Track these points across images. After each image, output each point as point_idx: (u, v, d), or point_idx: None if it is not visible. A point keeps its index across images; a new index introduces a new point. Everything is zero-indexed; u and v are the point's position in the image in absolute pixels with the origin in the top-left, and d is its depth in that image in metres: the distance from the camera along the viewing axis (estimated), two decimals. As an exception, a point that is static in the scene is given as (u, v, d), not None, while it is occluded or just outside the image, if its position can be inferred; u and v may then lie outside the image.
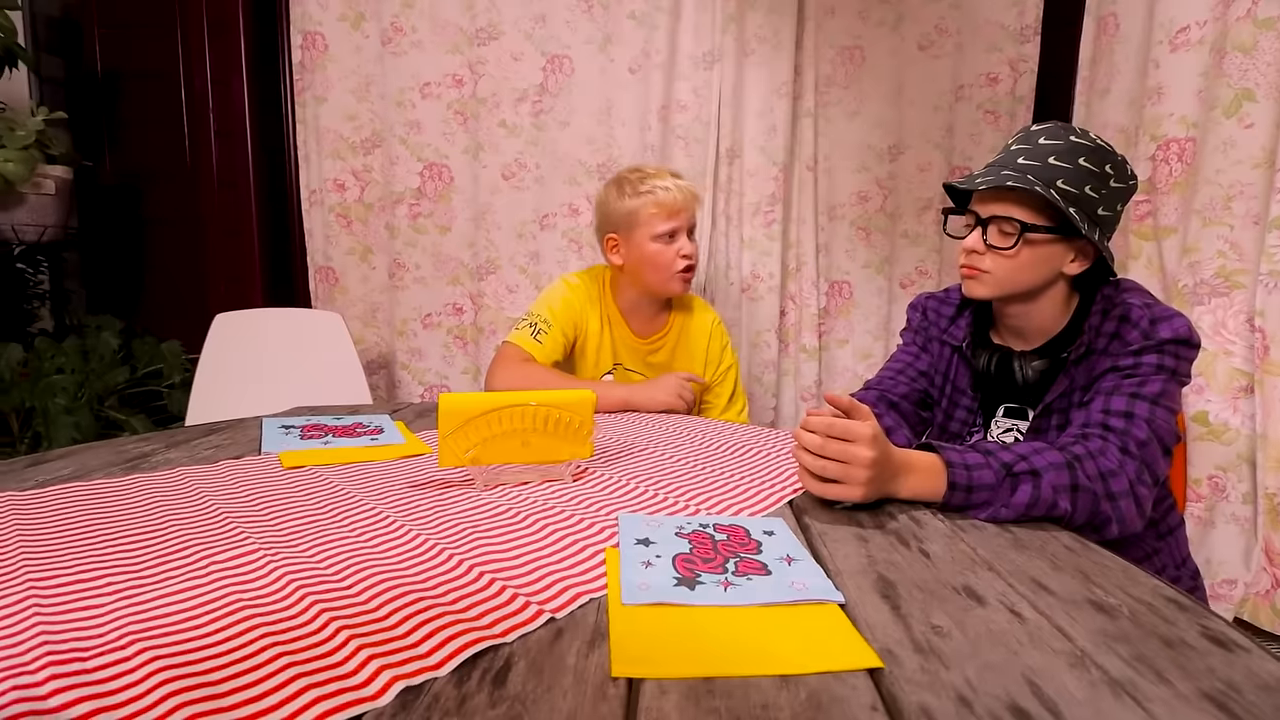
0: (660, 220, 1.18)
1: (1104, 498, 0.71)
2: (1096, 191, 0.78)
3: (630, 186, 1.20)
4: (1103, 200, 0.79)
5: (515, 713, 0.36)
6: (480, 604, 0.47)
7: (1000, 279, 0.85)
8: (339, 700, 0.36)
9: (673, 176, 1.21)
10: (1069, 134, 0.79)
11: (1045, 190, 0.76)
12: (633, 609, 0.47)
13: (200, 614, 0.44)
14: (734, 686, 0.39)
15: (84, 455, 0.79)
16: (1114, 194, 0.80)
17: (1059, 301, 0.88)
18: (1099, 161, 0.78)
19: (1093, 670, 0.41)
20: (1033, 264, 0.82)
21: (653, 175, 1.20)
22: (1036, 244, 0.81)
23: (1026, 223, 0.79)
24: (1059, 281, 0.86)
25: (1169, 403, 0.78)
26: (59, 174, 1.58)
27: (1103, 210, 0.79)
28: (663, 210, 1.18)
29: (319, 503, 0.65)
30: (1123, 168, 0.80)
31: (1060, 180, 0.77)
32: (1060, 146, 0.78)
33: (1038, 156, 0.79)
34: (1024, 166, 0.79)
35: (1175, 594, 0.53)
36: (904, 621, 0.46)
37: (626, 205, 1.19)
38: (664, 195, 1.18)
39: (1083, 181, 0.77)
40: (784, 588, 0.50)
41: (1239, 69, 1.08)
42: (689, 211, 1.21)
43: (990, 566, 0.56)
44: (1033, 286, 0.85)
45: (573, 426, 0.75)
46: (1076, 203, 0.78)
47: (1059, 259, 0.83)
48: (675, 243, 1.20)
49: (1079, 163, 0.77)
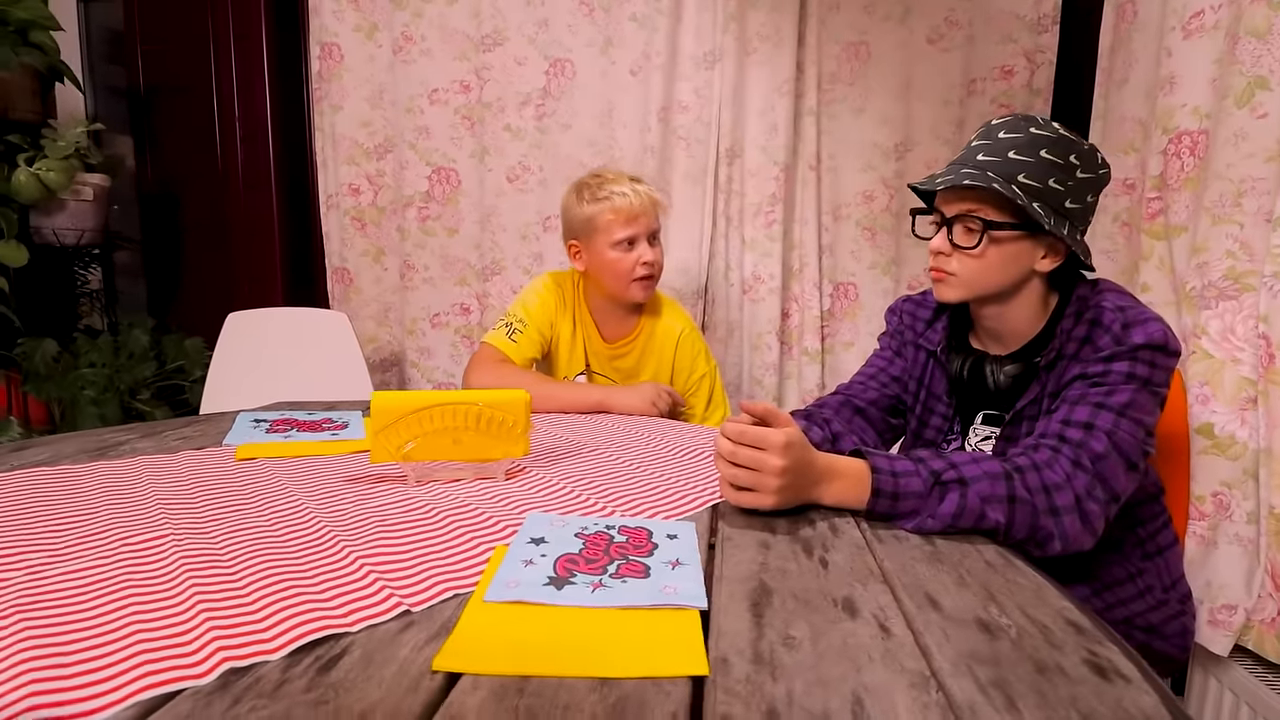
0: (618, 227, 1.17)
1: (1045, 512, 0.67)
2: (1062, 184, 0.74)
3: (589, 192, 1.19)
4: (1069, 192, 0.75)
5: (324, 699, 0.37)
6: (344, 592, 0.48)
7: (968, 280, 0.82)
8: (166, 675, 0.38)
9: (632, 181, 1.20)
10: (1030, 126, 0.76)
11: (1004, 187, 0.73)
12: (491, 606, 0.47)
13: (85, 589, 0.47)
14: (549, 686, 0.39)
15: (63, 443, 0.85)
16: (1082, 185, 0.76)
17: (1034, 302, 0.84)
18: (1063, 152, 0.74)
19: (933, 693, 0.39)
20: (1000, 263, 0.79)
21: (611, 181, 1.19)
22: (1002, 241, 0.78)
23: (989, 220, 0.76)
24: (1032, 281, 0.82)
25: (1137, 414, 0.73)
26: (96, 181, 1.70)
27: (1070, 203, 0.75)
28: (620, 217, 1.17)
29: (250, 493, 0.69)
30: (1090, 156, 0.76)
31: (1022, 175, 0.74)
32: (1020, 140, 0.75)
33: (998, 152, 0.76)
34: (984, 163, 0.76)
35: (1081, 618, 0.50)
36: (759, 631, 0.45)
37: (585, 211, 1.19)
38: (620, 201, 1.17)
39: (1046, 174, 0.74)
40: (653, 592, 0.50)
41: (1252, 55, 0.99)
42: (648, 218, 1.20)
43: (885, 579, 0.54)
44: (1003, 287, 0.82)
45: (506, 425, 0.76)
46: (1040, 197, 0.75)
47: (1028, 256, 0.80)
48: (634, 250, 1.19)
49: (1041, 155, 0.74)
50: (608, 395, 1.16)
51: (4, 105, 1.60)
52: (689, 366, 1.29)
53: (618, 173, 1.23)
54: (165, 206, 2.03)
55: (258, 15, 1.85)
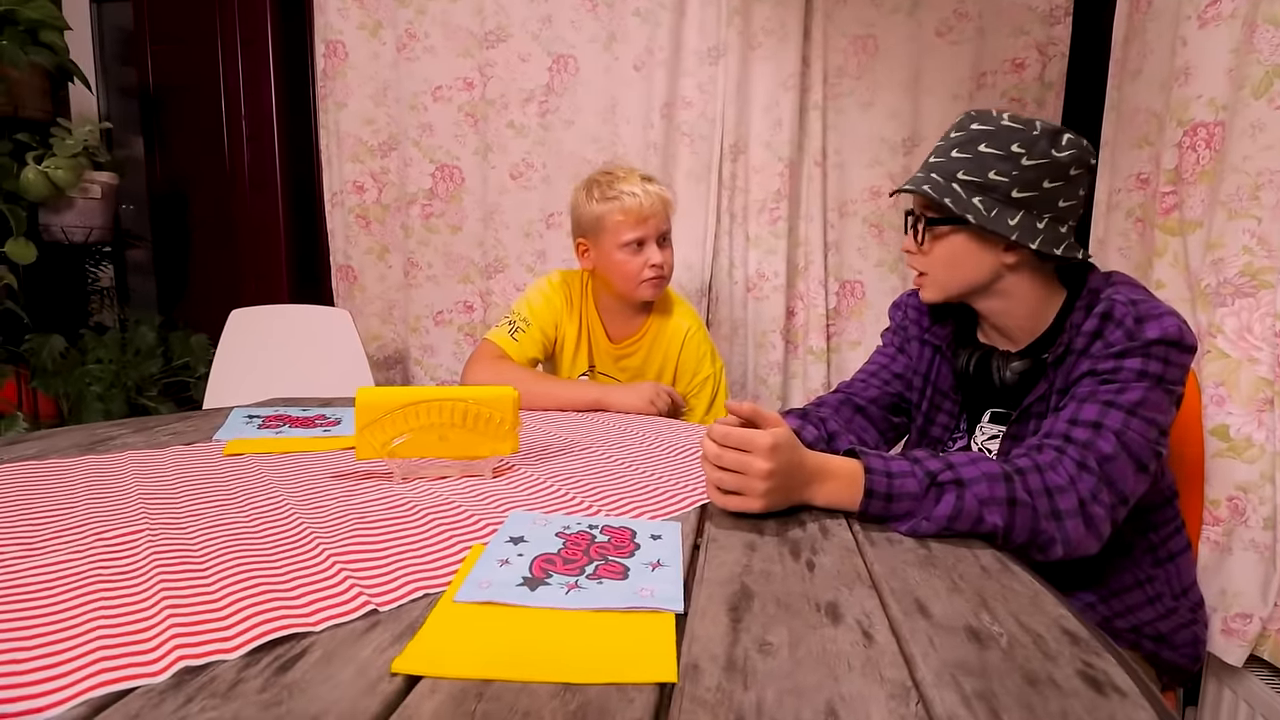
0: (627, 228, 1.15)
1: (1046, 516, 0.65)
2: (1005, 174, 0.73)
3: (599, 190, 1.17)
4: (1015, 181, 0.73)
5: (277, 700, 0.36)
6: (312, 590, 0.47)
7: (936, 278, 0.83)
8: (121, 673, 0.38)
9: (644, 180, 1.17)
10: (971, 122, 0.76)
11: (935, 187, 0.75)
12: (461, 606, 0.46)
13: (53, 584, 0.47)
14: (510, 691, 0.37)
15: (55, 438, 0.85)
16: (1031, 171, 0.73)
17: (1032, 296, 0.81)
18: (1002, 143, 0.73)
19: (913, 705, 0.37)
20: (953, 259, 0.79)
21: (621, 179, 1.16)
22: (942, 238, 0.79)
23: (928, 218, 0.78)
24: (1011, 275, 0.80)
25: (1149, 413, 0.70)
26: (105, 179, 1.72)
27: (1019, 192, 0.73)
28: (629, 218, 1.14)
29: (233, 489, 0.68)
30: (1037, 142, 0.73)
31: (961, 172, 0.75)
32: (962, 137, 0.76)
33: (944, 152, 0.77)
34: (932, 164, 0.78)
35: (1078, 627, 0.47)
36: (735, 636, 0.43)
37: (594, 210, 1.16)
38: (630, 202, 1.14)
39: (986, 168, 0.74)
40: (629, 594, 0.48)
41: (1271, 43, 0.96)
42: (658, 219, 1.17)
43: (874, 584, 0.52)
44: (974, 282, 0.81)
45: (493, 422, 0.75)
46: (982, 190, 0.74)
47: (985, 250, 0.78)
48: (643, 251, 1.16)
49: (979, 150, 0.74)
50: (605, 393, 1.14)
51: (14, 104, 1.62)
52: (693, 367, 1.27)
53: (629, 170, 1.20)
54: (174, 205, 2.05)
55: (264, 14, 1.86)
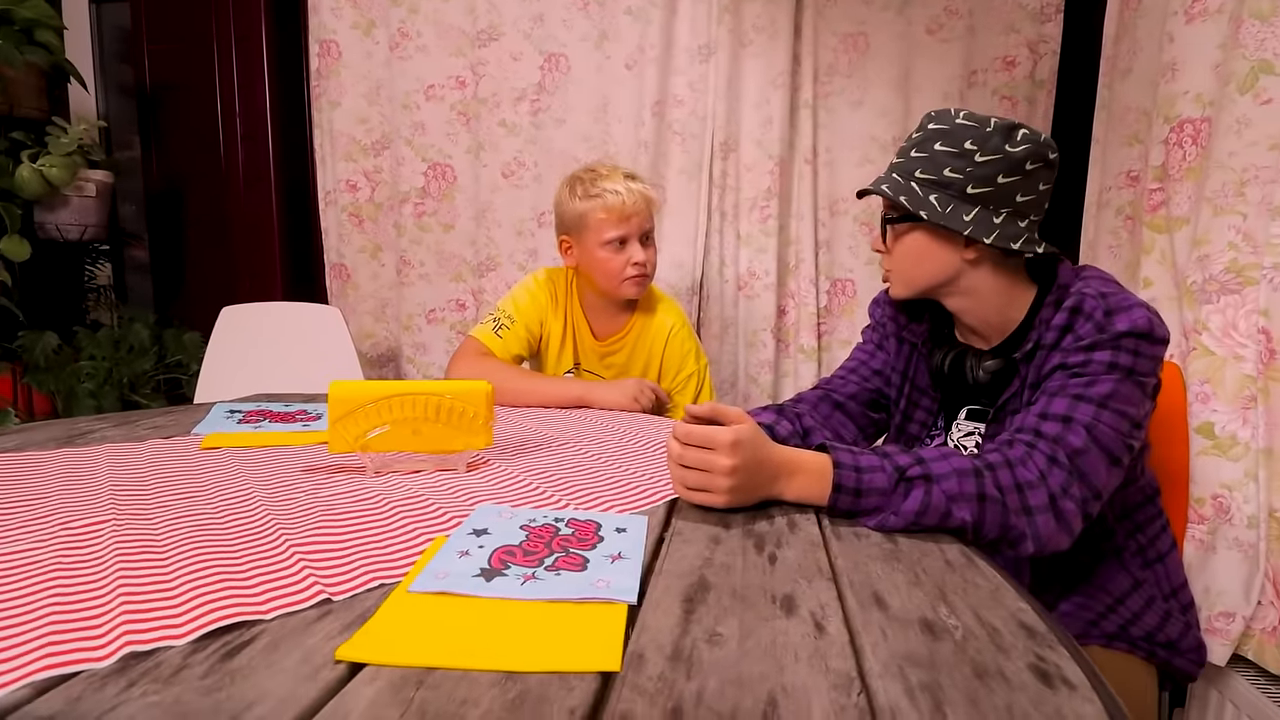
0: (609, 226, 1.15)
1: (1017, 511, 0.64)
2: (960, 171, 0.74)
3: (581, 188, 1.17)
4: (969, 178, 0.74)
5: (218, 686, 0.36)
6: (267, 579, 0.47)
7: (900, 275, 0.84)
8: (66, 657, 0.38)
9: (627, 178, 1.17)
10: (929, 121, 0.78)
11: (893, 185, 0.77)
12: (415, 596, 0.46)
13: (11, 572, 0.47)
14: (450, 679, 0.37)
15: (34, 431, 0.85)
16: (985, 167, 0.74)
17: (997, 292, 0.81)
18: (956, 141, 0.74)
19: (854, 695, 0.37)
20: (914, 257, 0.80)
21: (604, 177, 1.16)
22: (901, 235, 0.80)
23: (887, 217, 0.80)
24: (970, 273, 0.80)
25: (1120, 405, 0.70)
26: (100, 178, 1.73)
27: (974, 188, 0.74)
28: (612, 215, 1.14)
29: (204, 482, 0.68)
30: (990, 138, 0.74)
31: (919, 171, 0.76)
32: (919, 138, 0.78)
33: (904, 154, 0.79)
34: (893, 166, 0.80)
35: (1035, 620, 0.47)
36: (685, 627, 0.43)
37: (577, 207, 1.16)
38: (613, 200, 1.14)
39: (940, 166, 0.75)
40: (584, 585, 0.48)
41: (1256, 38, 0.95)
42: (640, 217, 1.17)
43: (834, 577, 0.52)
44: (936, 278, 0.81)
45: (466, 416, 0.75)
46: (938, 187, 0.75)
47: (945, 248, 0.79)
48: (625, 250, 1.16)
49: (934, 149, 0.75)
50: (588, 390, 1.14)
51: (9, 102, 1.63)
52: (677, 364, 1.27)
53: (612, 168, 1.20)
54: (170, 203, 2.06)
55: (258, 14, 1.87)
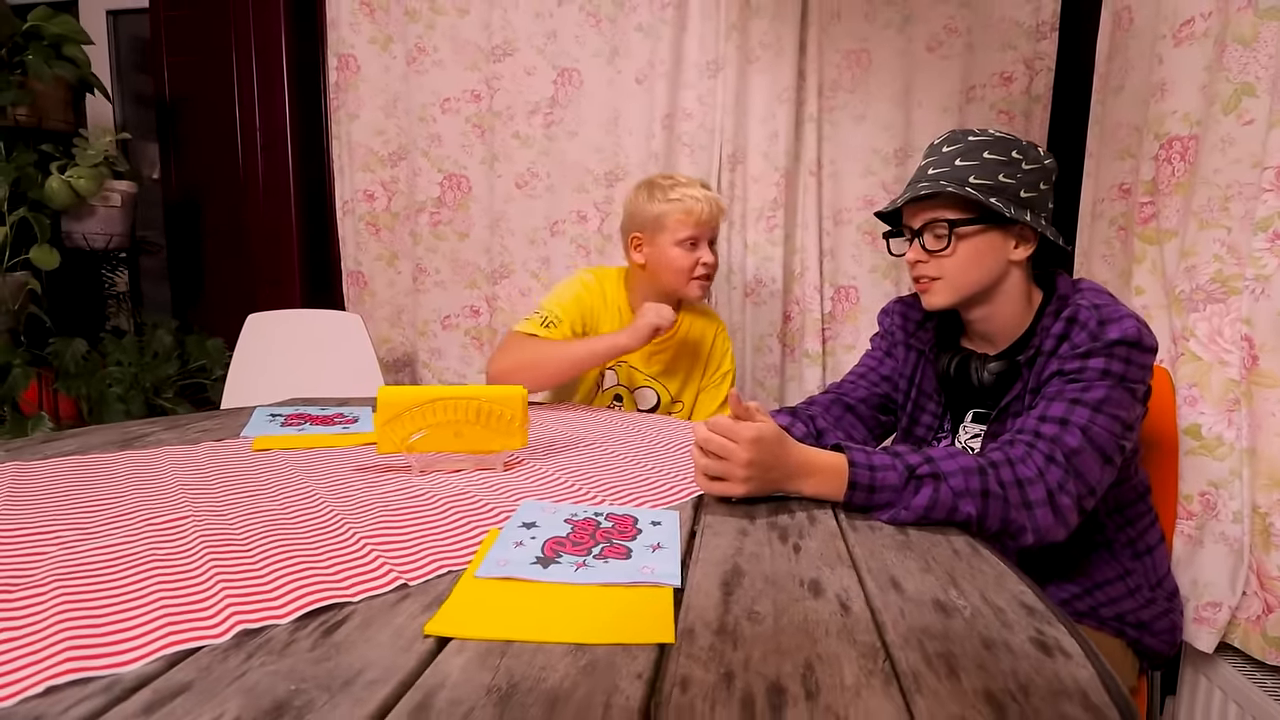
0: (686, 227, 1.23)
1: (1018, 506, 0.70)
2: (1012, 177, 0.80)
3: (661, 192, 1.25)
4: (1021, 183, 0.81)
5: (326, 656, 0.41)
6: (347, 567, 0.52)
7: (951, 281, 0.86)
8: (187, 634, 0.43)
9: (703, 188, 1.26)
10: (967, 135, 0.82)
11: (959, 189, 0.80)
12: (482, 581, 0.51)
13: (114, 563, 0.52)
14: (528, 650, 0.43)
15: (90, 435, 0.90)
16: (1031, 174, 0.81)
17: (1018, 298, 0.87)
18: (1004, 150, 0.80)
19: (880, 662, 0.42)
20: (976, 258, 0.84)
21: (684, 184, 1.26)
22: (968, 237, 0.83)
23: (953, 220, 0.82)
24: (1012, 274, 0.86)
25: (1113, 409, 0.76)
26: (124, 188, 1.78)
27: (1025, 193, 0.81)
28: (690, 219, 1.23)
29: (265, 480, 0.73)
30: (1029, 150, 0.82)
31: (972, 176, 0.80)
32: (962, 149, 0.82)
33: (946, 163, 0.82)
34: (935, 175, 0.83)
35: (1035, 601, 0.53)
36: (727, 606, 0.49)
37: (656, 208, 1.24)
38: (694, 205, 1.23)
39: (994, 171, 0.80)
40: (632, 571, 0.53)
41: (1239, 62, 1.01)
42: (713, 223, 1.26)
43: (854, 564, 0.57)
44: (985, 282, 0.86)
45: (504, 419, 0.80)
46: (994, 192, 0.80)
47: (1000, 248, 0.84)
48: (696, 251, 1.25)
49: (984, 157, 0.80)
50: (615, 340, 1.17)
51: (38, 116, 1.68)
52: (717, 362, 1.36)
53: (689, 178, 1.30)
54: (189, 212, 2.11)
55: (277, 29, 1.92)
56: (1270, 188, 0.92)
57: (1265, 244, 0.92)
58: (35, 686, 0.38)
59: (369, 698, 0.37)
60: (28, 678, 0.38)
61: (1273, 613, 0.93)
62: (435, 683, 0.39)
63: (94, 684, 0.38)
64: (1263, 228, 0.92)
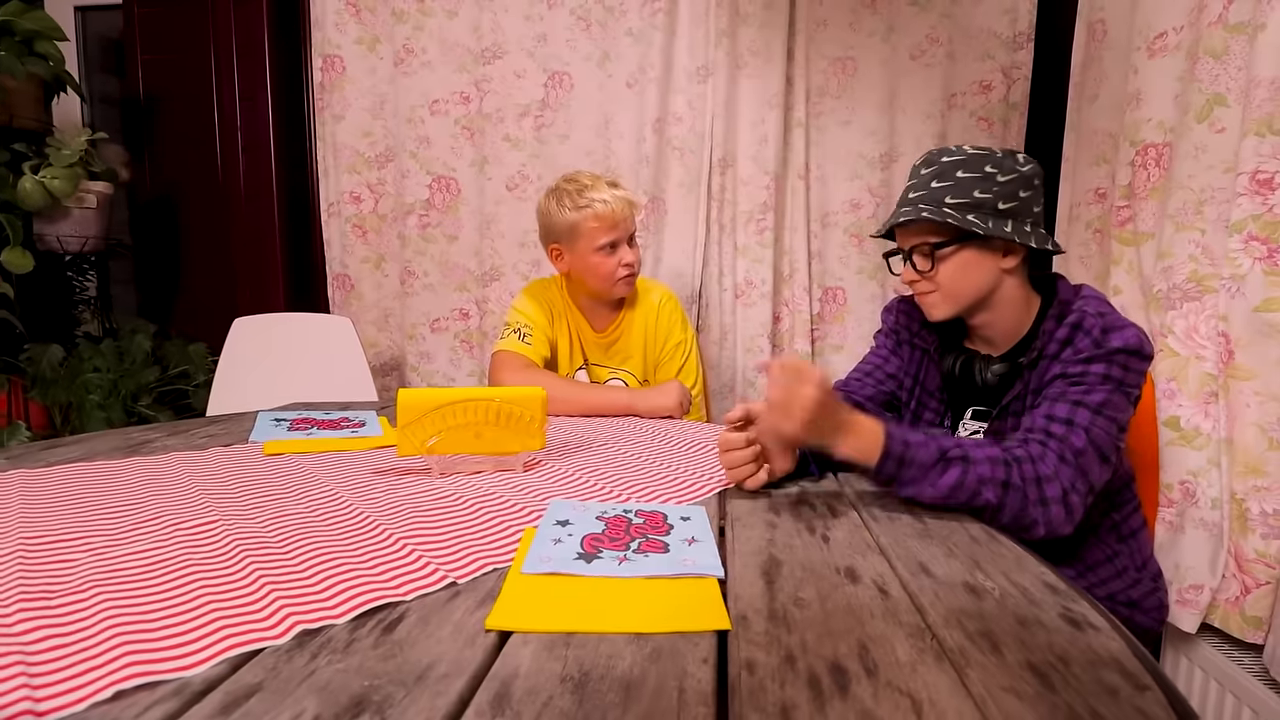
0: (601, 233, 1.22)
1: (1035, 503, 0.73)
2: (988, 191, 0.83)
3: (570, 200, 1.23)
4: (998, 195, 0.84)
5: (391, 653, 0.42)
6: (393, 567, 0.53)
7: (947, 294, 0.90)
8: (246, 636, 0.43)
9: (610, 187, 1.24)
10: (942, 156, 0.86)
11: (935, 212, 0.83)
12: (529, 577, 0.52)
13: (151, 568, 0.51)
14: (591, 641, 0.43)
15: (93, 441, 0.88)
16: (1008, 185, 0.84)
17: (1017, 304, 0.91)
18: (978, 167, 0.84)
19: (928, 640, 0.45)
20: (964, 273, 0.87)
21: (590, 187, 1.23)
22: (948, 258, 0.86)
23: (934, 244, 0.86)
24: (1006, 282, 0.89)
25: (1111, 413, 0.79)
26: (100, 189, 1.72)
27: (1003, 204, 0.84)
28: (603, 224, 1.21)
29: (285, 484, 0.73)
30: (1004, 161, 0.84)
31: (948, 197, 0.84)
32: (936, 170, 0.85)
33: (923, 187, 0.86)
34: (914, 199, 0.86)
35: (1057, 581, 0.55)
36: (772, 594, 0.50)
37: (567, 218, 1.23)
38: (602, 209, 1.21)
39: (969, 189, 0.83)
40: (674, 564, 0.55)
41: (1210, 74, 1.07)
42: (628, 221, 1.25)
43: (882, 551, 0.60)
44: (980, 293, 0.89)
45: (523, 420, 0.81)
46: (972, 209, 0.83)
47: (988, 260, 0.87)
48: (616, 253, 1.24)
49: (958, 176, 0.84)
50: (634, 399, 1.19)
51: (9, 114, 1.62)
52: (665, 332, 1.34)
53: (593, 177, 1.27)
54: (162, 215, 2.05)
55: (260, 28, 1.89)
56: (1244, 192, 0.97)
57: (1240, 245, 0.98)
58: (103, 691, 0.37)
59: (446, 690, 0.38)
60: (92, 682, 0.38)
61: (1250, 593, 0.99)
62: (508, 674, 0.40)
63: (162, 688, 0.38)
64: (1237, 229, 0.98)
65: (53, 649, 0.41)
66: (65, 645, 0.41)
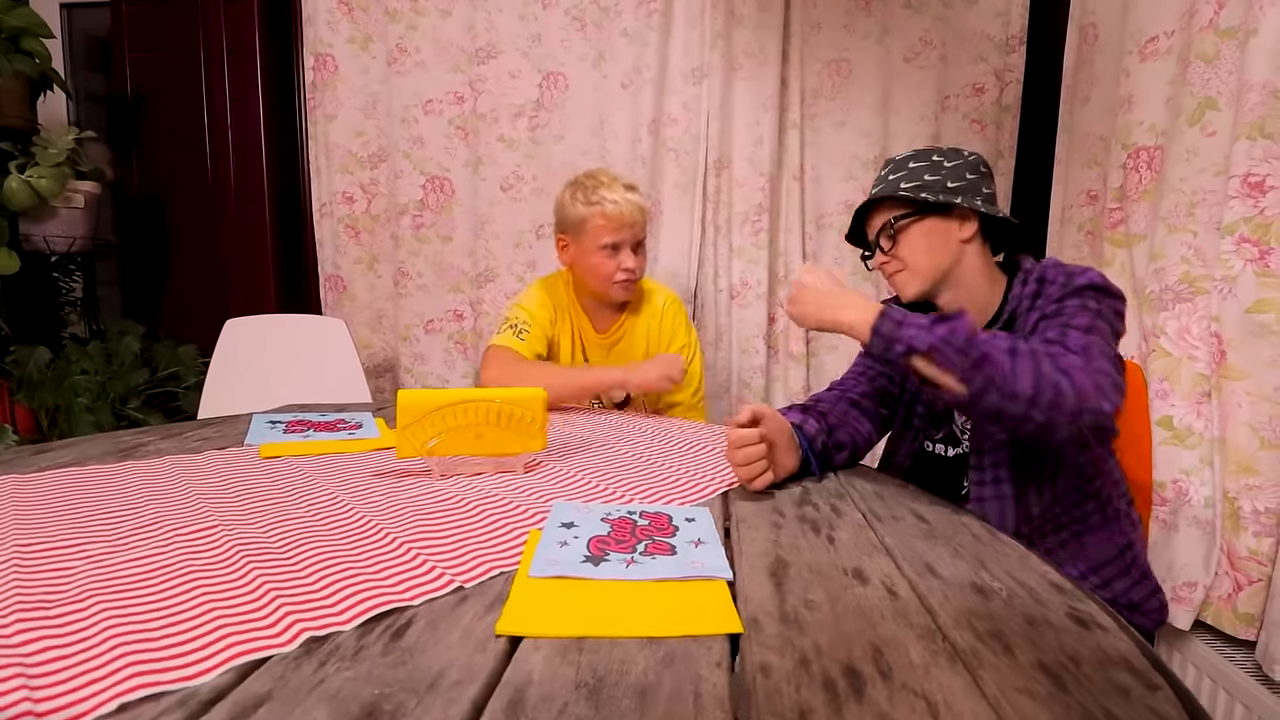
0: (606, 233, 1.21)
1: (1052, 370, 0.70)
2: (935, 174, 0.89)
3: (583, 193, 1.23)
4: (945, 177, 0.89)
5: (401, 660, 0.41)
6: (398, 572, 0.52)
7: (913, 269, 0.92)
8: (252, 644, 0.42)
9: (626, 189, 1.24)
10: (897, 157, 0.94)
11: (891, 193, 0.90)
12: (536, 581, 0.52)
13: (151, 575, 0.51)
14: (603, 645, 0.43)
15: (84, 445, 0.87)
16: (954, 170, 0.89)
17: (980, 277, 0.92)
18: (924, 158, 0.91)
19: (940, 642, 0.45)
20: (926, 243, 0.90)
21: (605, 185, 1.23)
22: (908, 227, 0.91)
23: (892, 218, 0.91)
24: (967, 253, 0.91)
25: (1100, 336, 0.78)
26: (87, 189, 1.70)
27: (951, 183, 0.89)
28: (609, 224, 1.21)
29: (284, 487, 0.72)
30: (949, 152, 0.91)
31: (901, 182, 0.90)
32: (892, 166, 0.93)
33: (880, 182, 0.93)
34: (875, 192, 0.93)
35: (1062, 580, 0.56)
36: (781, 596, 0.50)
37: (578, 211, 1.23)
38: (612, 209, 1.20)
39: (919, 175, 0.90)
40: (682, 566, 0.54)
41: (1202, 78, 1.09)
42: (636, 226, 1.24)
43: (888, 552, 0.60)
44: (944, 264, 0.91)
45: (524, 421, 0.80)
46: (922, 189, 0.89)
47: (946, 229, 0.90)
48: (618, 255, 1.23)
49: (909, 166, 0.90)
50: (626, 374, 1.19)
51: (-6, 112, 1.60)
52: (670, 336, 1.33)
53: (612, 177, 1.26)
54: (151, 214, 2.03)
55: (251, 27, 1.87)
56: (1236, 195, 0.99)
57: (1232, 247, 0.99)
58: (108, 703, 0.36)
59: (459, 697, 0.37)
60: (96, 695, 0.37)
61: (1242, 591, 1.00)
62: (521, 680, 0.39)
63: (167, 699, 0.37)
64: (1229, 232, 0.99)
65: (53, 660, 0.40)
66: (66, 656, 0.41)
